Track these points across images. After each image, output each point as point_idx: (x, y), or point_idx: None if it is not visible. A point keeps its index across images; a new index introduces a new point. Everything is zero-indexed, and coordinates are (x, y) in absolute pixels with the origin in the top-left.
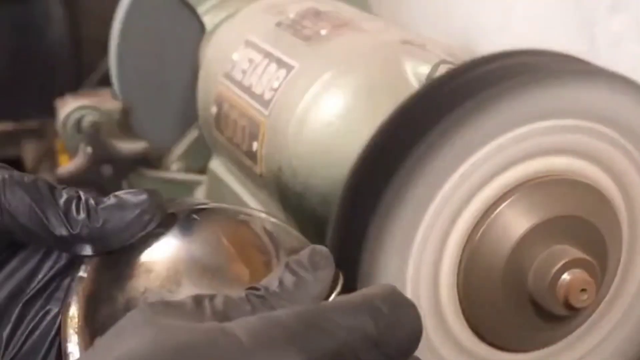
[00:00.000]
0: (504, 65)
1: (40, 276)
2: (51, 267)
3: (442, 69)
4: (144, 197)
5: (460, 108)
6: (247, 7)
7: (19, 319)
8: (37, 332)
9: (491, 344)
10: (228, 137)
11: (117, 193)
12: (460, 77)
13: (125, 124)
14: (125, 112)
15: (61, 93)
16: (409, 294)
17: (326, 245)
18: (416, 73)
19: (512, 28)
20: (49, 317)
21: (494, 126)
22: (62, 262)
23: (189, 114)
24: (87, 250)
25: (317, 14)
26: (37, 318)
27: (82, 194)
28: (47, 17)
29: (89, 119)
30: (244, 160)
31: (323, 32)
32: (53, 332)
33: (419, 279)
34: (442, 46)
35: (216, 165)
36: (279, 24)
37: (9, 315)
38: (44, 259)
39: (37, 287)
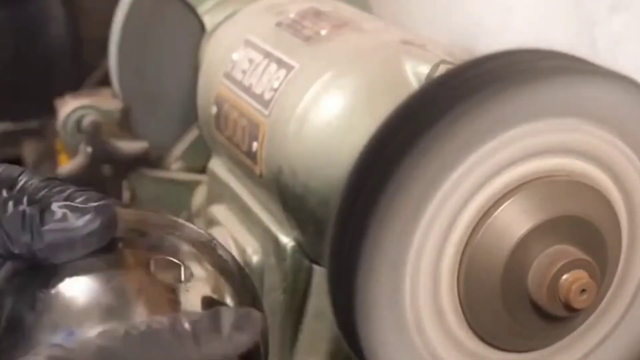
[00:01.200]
0: (504, 64)
1: None
2: None
3: (442, 69)
4: (90, 218)
5: (459, 108)
6: (247, 7)
7: None
8: None
9: (491, 344)
10: (228, 137)
11: (65, 208)
12: (459, 76)
13: (125, 124)
14: (125, 112)
15: (61, 93)
16: (407, 294)
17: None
18: (416, 73)
19: (512, 28)
20: None
21: (493, 125)
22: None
23: (189, 114)
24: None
25: (317, 14)
26: None
27: (27, 209)
28: (47, 17)
29: (89, 118)
30: (244, 160)
31: (323, 32)
32: None
33: (419, 279)
34: (442, 46)
35: (216, 165)
36: (279, 24)
37: None
38: None
39: None
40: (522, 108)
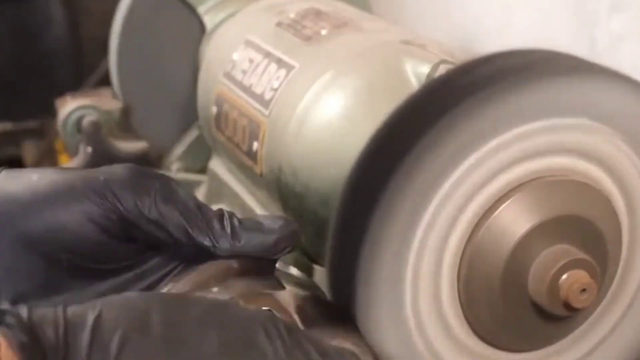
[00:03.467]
0: (505, 64)
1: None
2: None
3: (442, 69)
4: (281, 223)
5: (460, 107)
6: (247, 7)
7: None
8: None
9: (492, 344)
10: (228, 137)
11: (257, 217)
12: (460, 76)
13: (125, 124)
14: (125, 112)
15: (61, 93)
16: (408, 294)
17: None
18: (416, 73)
19: (512, 28)
20: None
21: (494, 125)
22: None
23: (189, 114)
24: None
25: (317, 14)
26: None
27: (225, 211)
28: (47, 17)
29: (89, 118)
30: (244, 160)
31: (323, 32)
32: None
33: (419, 279)
34: (442, 46)
35: (216, 165)
36: (279, 24)
37: None
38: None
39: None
40: (523, 108)
